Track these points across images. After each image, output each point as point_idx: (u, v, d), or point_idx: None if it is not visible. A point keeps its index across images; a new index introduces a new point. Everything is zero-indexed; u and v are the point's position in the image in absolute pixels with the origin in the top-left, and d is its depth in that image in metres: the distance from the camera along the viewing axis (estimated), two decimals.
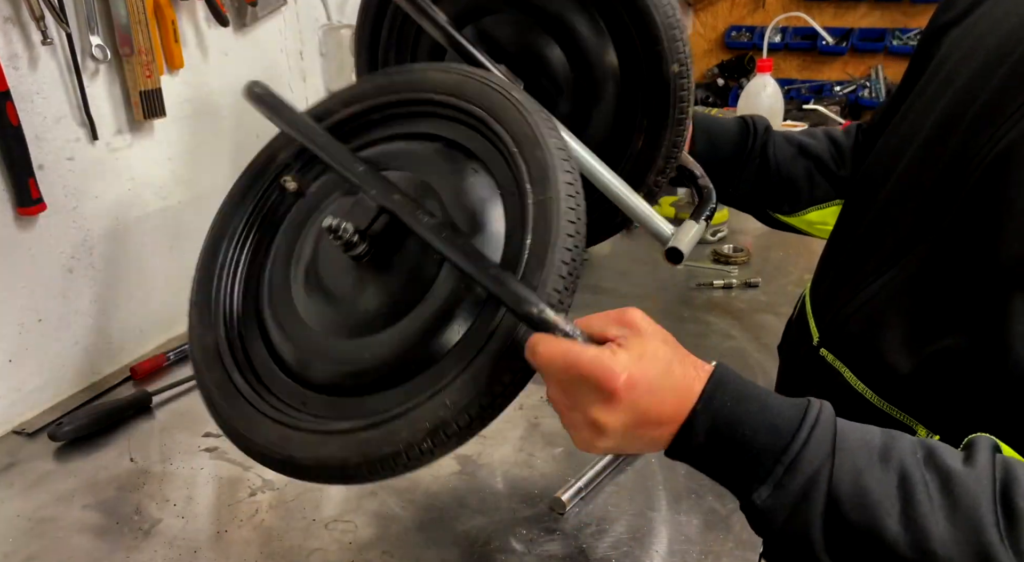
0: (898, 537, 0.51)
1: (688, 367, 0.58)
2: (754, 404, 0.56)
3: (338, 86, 1.72)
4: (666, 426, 0.57)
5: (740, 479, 0.56)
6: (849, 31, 3.50)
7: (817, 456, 0.53)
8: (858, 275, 0.76)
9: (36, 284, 1.15)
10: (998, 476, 0.51)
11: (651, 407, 0.56)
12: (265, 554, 0.89)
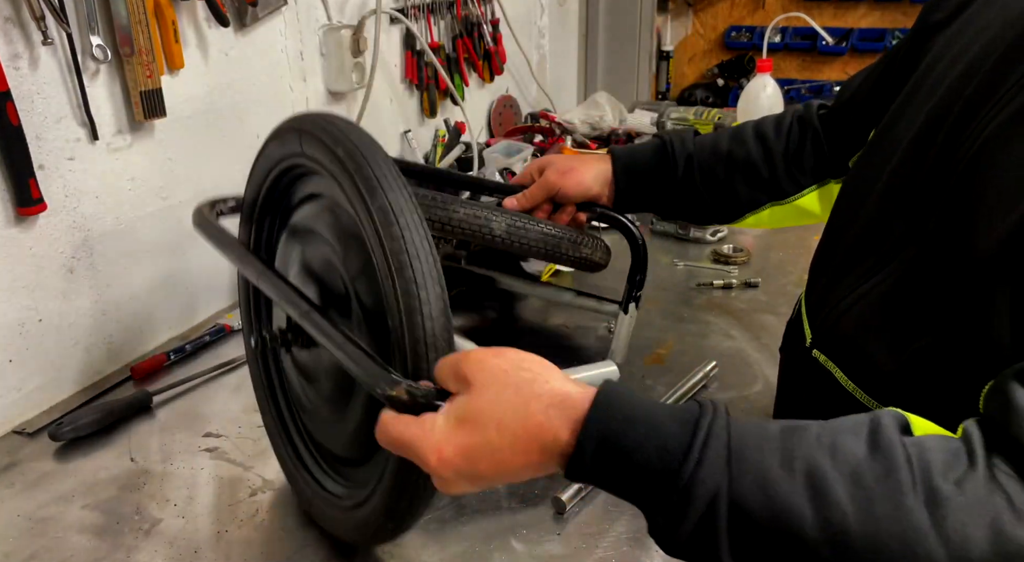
0: (817, 539, 0.48)
1: (555, 401, 0.55)
2: (642, 427, 0.53)
3: (338, 86, 1.73)
4: (540, 465, 0.56)
5: (639, 504, 0.54)
6: (849, 31, 3.50)
7: (713, 474, 0.51)
8: (850, 277, 0.76)
9: (36, 284, 1.15)
10: (913, 460, 0.49)
11: (496, 463, 0.55)
12: (266, 554, 0.89)
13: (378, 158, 0.72)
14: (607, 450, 0.53)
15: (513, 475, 0.57)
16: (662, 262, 1.62)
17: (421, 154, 2.00)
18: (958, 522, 0.46)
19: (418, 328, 0.66)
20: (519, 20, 2.44)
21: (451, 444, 0.56)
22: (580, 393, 0.56)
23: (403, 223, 0.69)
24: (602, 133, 2.41)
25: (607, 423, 0.53)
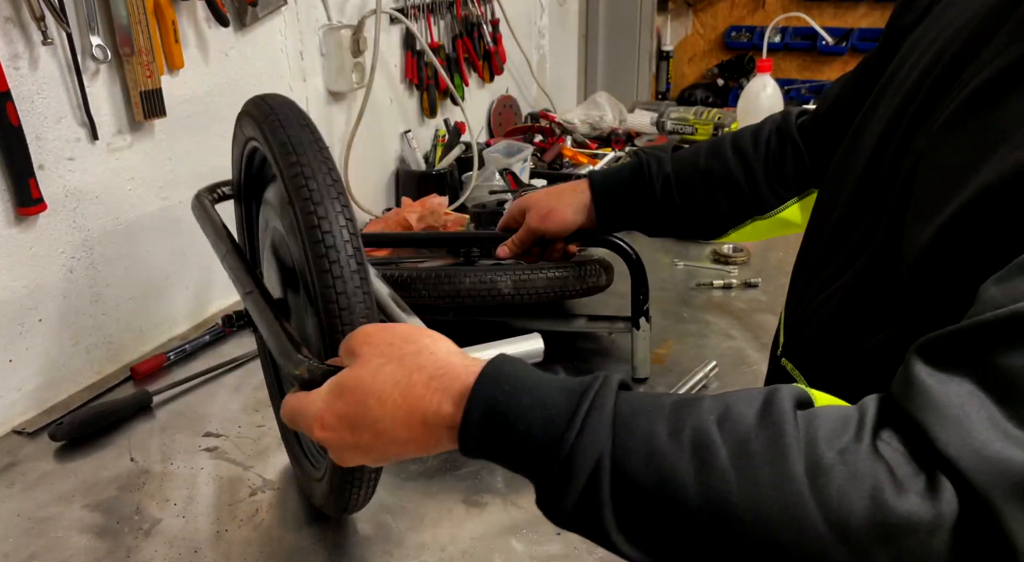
0: (700, 507, 0.48)
1: (438, 373, 0.55)
2: (528, 397, 0.52)
3: (338, 86, 1.73)
4: (427, 438, 0.55)
5: (528, 475, 0.53)
6: (849, 31, 3.50)
7: (595, 442, 0.50)
8: (817, 283, 0.76)
9: (36, 284, 1.15)
10: (800, 429, 0.48)
11: (378, 433, 0.56)
12: (265, 554, 0.89)
13: (292, 119, 0.76)
14: (492, 422, 0.52)
15: (402, 448, 0.57)
16: (662, 262, 1.62)
17: (421, 154, 2.00)
18: (838, 490, 0.46)
19: (330, 290, 0.68)
20: (519, 20, 2.44)
21: (331, 413, 0.57)
22: (466, 365, 0.56)
23: (304, 160, 0.72)
24: (602, 133, 2.41)
25: (493, 394, 0.53)
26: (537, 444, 0.51)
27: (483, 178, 1.94)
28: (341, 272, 0.68)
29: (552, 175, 2.09)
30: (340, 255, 0.69)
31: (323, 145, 0.75)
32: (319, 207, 0.69)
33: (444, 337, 0.60)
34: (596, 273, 1.21)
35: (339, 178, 0.73)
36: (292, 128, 0.75)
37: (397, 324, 0.62)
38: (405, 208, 1.75)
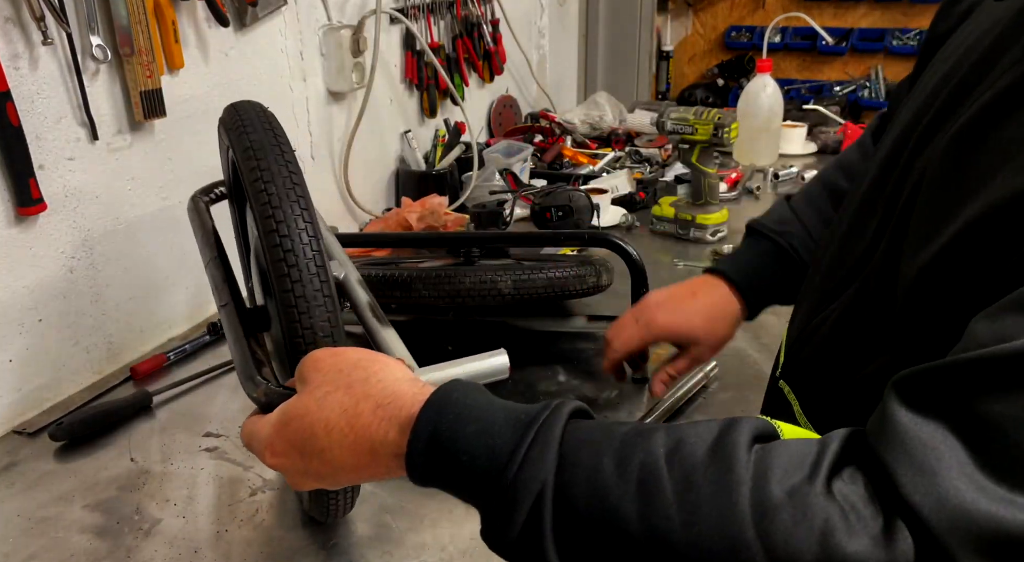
0: (642, 542, 0.46)
1: (385, 401, 0.55)
2: (473, 426, 0.51)
3: (338, 86, 1.73)
4: (376, 465, 0.55)
5: (474, 505, 0.52)
6: (849, 31, 3.50)
7: (538, 474, 0.49)
8: (818, 301, 0.73)
9: (36, 284, 1.15)
10: (751, 465, 0.46)
11: (327, 462, 0.56)
12: (265, 554, 0.89)
13: (257, 123, 0.76)
14: (436, 451, 0.52)
15: (354, 474, 0.57)
16: (662, 262, 1.62)
17: (421, 154, 2.00)
18: (784, 531, 0.43)
19: (288, 294, 0.67)
20: (519, 20, 2.44)
21: (280, 441, 0.57)
22: (414, 393, 0.55)
23: (264, 164, 0.71)
24: (602, 133, 2.41)
25: (437, 423, 0.52)
26: (480, 474, 0.50)
27: (483, 178, 1.94)
28: (300, 276, 0.67)
29: (552, 175, 2.09)
30: (299, 259, 0.67)
31: (286, 148, 0.73)
32: (277, 210, 0.68)
33: (396, 362, 0.59)
34: (596, 273, 1.20)
35: (301, 181, 0.71)
36: (255, 132, 0.75)
37: (348, 349, 0.60)
38: (405, 208, 1.75)
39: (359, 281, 0.84)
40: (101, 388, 1.23)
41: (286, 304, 0.67)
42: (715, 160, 1.83)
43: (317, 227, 0.70)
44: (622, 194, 1.94)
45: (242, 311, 0.78)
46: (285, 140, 0.76)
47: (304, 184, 0.72)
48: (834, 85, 3.52)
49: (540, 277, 1.13)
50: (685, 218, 1.72)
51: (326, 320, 0.67)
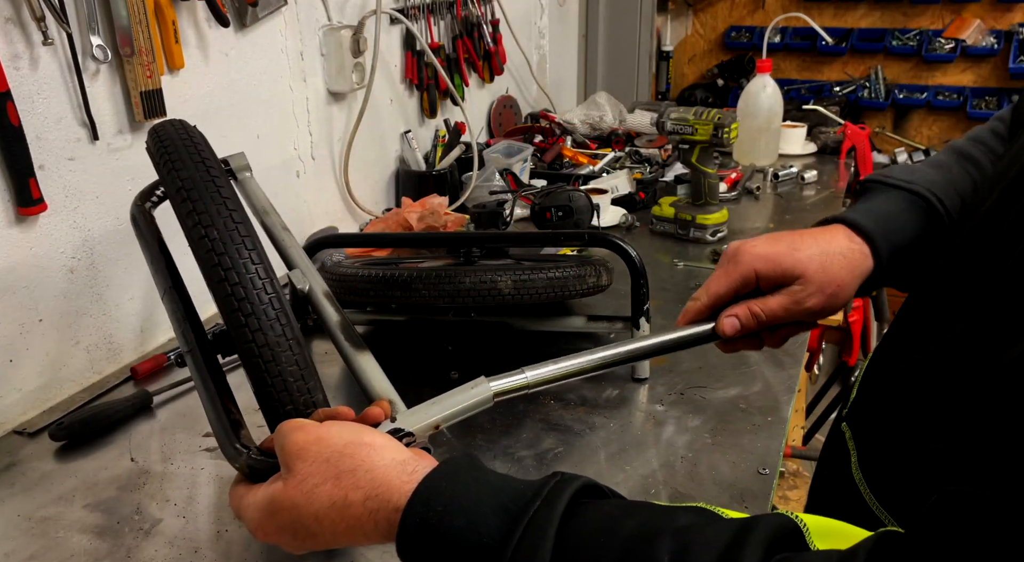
0: None
1: (375, 492, 0.54)
2: (460, 518, 0.49)
3: (338, 86, 1.73)
4: (370, 541, 0.55)
5: None
6: (849, 31, 3.50)
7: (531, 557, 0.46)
8: (910, 338, 0.62)
9: (37, 284, 1.15)
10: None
11: (321, 544, 0.57)
12: (265, 554, 0.89)
13: (186, 156, 0.72)
14: (426, 542, 0.50)
15: (347, 545, 0.58)
16: (662, 262, 1.62)
17: (421, 154, 2.00)
18: None
19: (250, 346, 0.63)
20: (519, 20, 2.44)
21: (270, 526, 0.58)
22: (402, 482, 0.54)
23: (201, 207, 0.67)
24: (602, 133, 2.41)
25: (425, 515, 0.51)
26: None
27: (483, 178, 1.94)
28: (259, 324, 0.64)
29: (552, 175, 2.09)
30: (254, 307, 0.64)
31: (222, 183, 0.68)
32: (223, 258, 0.65)
33: (385, 443, 0.58)
34: (596, 273, 1.20)
35: (244, 218, 0.67)
36: (186, 169, 0.69)
37: (332, 431, 0.58)
38: (405, 208, 1.75)
39: (326, 294, 0.79)
40: (101, 388, 1.23)
41: (248, 355, 0.64)
42: (715, 160, 1.83)
43: (270, 270, 0.66)
44: (622, 194, 1.94)
45: (211, 362, 0.73)
46: (219, 171, 0.70)
47: (248, 222, 0.67)
48: (834, 85, 3.52)
49: (540, 277, 1.13)
50: (685, 218, 1.72)
51: (294, 365, 0.65)
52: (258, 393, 0.65)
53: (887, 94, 3.47)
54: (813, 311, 0.74)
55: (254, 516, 0.59)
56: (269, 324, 0.64)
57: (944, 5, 3.38)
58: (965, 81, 3.44)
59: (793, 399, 1.15)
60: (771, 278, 0.74)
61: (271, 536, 0.59)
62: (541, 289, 1.13)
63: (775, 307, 0.74)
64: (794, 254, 0.73)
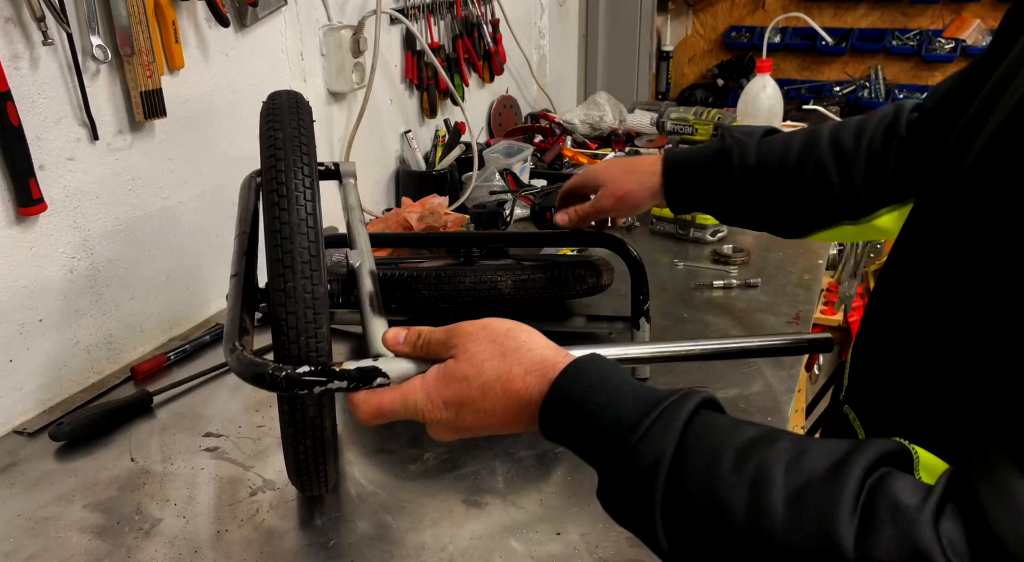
0: (742, 537, 0.49)
1: (534, 367, 0.61)
2: (602, 396, 0.57)
3: (338, 86, 1.73)
4: (520, 421, 0.62)
5: (596, 467, 0.57)
6: (849, 31, 3.51)
7: (655, 450, 0.53)
8: (895, 313, 0.68)
9: (37, 284, 1.15)
10: (867, 483, 0.48)
11: (479, 417, 0.63)
12: (266, 554, 0.89)
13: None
14: (567, 414, 0.58)
15: (495, 429, 0.64)
16: (662, 262, 1.62)
17: (421, 154, 2.00)
18: (885, 549, 0.45)
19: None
20: (519, 20, 2.44)
21: (441, 396, 0.64)
22: (556, 360, 0.61)
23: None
24: (602, 133, 2.41)
25: (571, 389, 0.58)
26: (603, 439, 0.56)
27: (483, 178, 1.94)
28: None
29: (552, 175, 2.09)
30: (292, 229, 0.72)
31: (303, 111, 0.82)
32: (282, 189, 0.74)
33: (538, 333, 0.66)
34: (596, 273, 1.21)
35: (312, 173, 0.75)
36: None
37: (495, 320, 0.66)
38: (405, 208, 1.75)
39: (371, 272, 0.86)
40: (101, 388, 1.23)
41: (275, 270, 0.71)
42: None
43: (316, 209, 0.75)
44: None
45: (249, 285, 0.82)
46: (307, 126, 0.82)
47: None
48: (834, 85, 3.52)
49: (540, 277, 1.14)
50: (685, 218, 1.72)
51: (306, 248, 0.72)
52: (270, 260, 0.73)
53: (887, 94, 3.47)
54: (610, 207, 1.11)
55: (420, 395, 0.64)
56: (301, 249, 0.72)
57: (944, 5, 3.38)
58: None
59: (793, 399, 1.15)
60: (589, 182, 1.15)
61: (438, 411, 0.64)
62: (541, 289, 1.13)
63: (587, 207, 1.14)
64: (606, 171, 1.12)
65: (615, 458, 0.55)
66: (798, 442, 0.52)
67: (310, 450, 0.80)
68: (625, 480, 0.54)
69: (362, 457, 1.05)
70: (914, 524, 0.45)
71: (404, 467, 1.02)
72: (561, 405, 0.58)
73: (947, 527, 0.45)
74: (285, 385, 0.65)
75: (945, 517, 0.46)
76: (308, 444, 0.79)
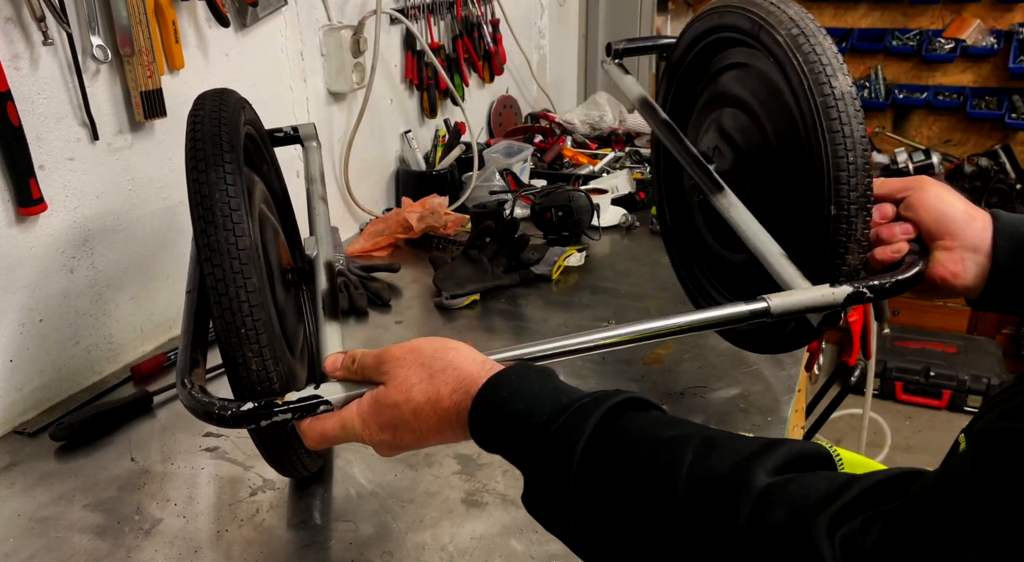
0: (646, 512, 0.51)
1: (460, 385, 0.64)
2: (521, 403, 0.60)
3: (338, 86, 1.73)
4: (454, 433, 0.65)
5: (520, 468, 0.60)
6: (849, 31, 3.51)
7: (564, 445, 0.56)
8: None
9: (37, 284, 1.15)
10: (765, 491, 0.48)
11: (415, 437, 0.66)
12: (266, 554, 0.89)
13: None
14: (491, 423, 0.61)
15: (435, 442, 0.68)
16: (662, 262, 1.62)
17: (421, 154, 2.00)
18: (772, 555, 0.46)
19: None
20: (519, 20, 2.44)
21: (376, 421, 0.68)
22: (481, 374, 0.64)
23: None
24: (602, 133, 2.41)
25: (492, 400, 0.62)
26: (522, 443, 0.59)
27: (483, 178, 1.94)
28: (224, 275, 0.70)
29: (552, 175, 2.09)
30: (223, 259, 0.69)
31: None
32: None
33: (466, 348, 0.68)
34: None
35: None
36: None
37: (422, 342, 0.69)
38: (405, 208, 1.75)
39: (327, 264, 0.83)
40: (101, 388, 1.23)
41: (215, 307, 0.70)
42: None
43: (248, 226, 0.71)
44: (622, 194, 1.94)
45: (202, 309, 0.79)
46: None
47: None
48: None
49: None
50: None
51: (242, 286, 0.70)
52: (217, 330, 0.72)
53: (887, 94, 3.47)
54: (946, 265, 0.84)
55: (357, 421, 0.68)
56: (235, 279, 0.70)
57: (944, 5, 3.38)
58: (965, 81, 3.44)
59: (793, 399, 1.15)
60: (925, 219, 0.85)
61: (375, 435, 0.68)
62: None
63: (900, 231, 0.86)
64: (953, 207, 0.84)
65: (533, 457, 0.58)
66: (710, 440, 0.54)
67: (280, 455, 0.83)
68: (541, 476, 0.57)
69: (362, 457, 1.05)
70: (806, 532, 0.45)
71: (404, 467, 1.02)
72: (485, 416, 0.62)
73: (846, 534, 0.44)
74: (233, 422, 0.68)
75: (851, 524, 0.45)
76: (271, 444, 0.82)
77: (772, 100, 0.92)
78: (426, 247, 1.74)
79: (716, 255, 1.11)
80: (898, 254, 0.83)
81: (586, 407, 0.58)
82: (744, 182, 0.98)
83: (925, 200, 0.83)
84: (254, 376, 0.70)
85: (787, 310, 0.78)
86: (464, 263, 1.50)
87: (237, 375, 0.70)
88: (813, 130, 0.81)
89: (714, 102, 1.06)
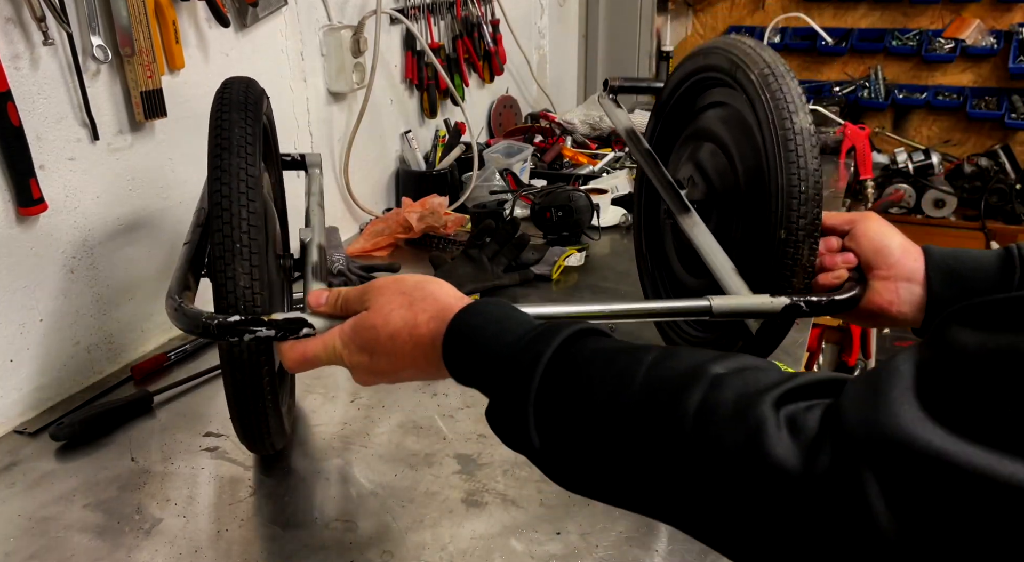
0: (603, 413, 0.53)
1: (437, 313, 0.67)
2: (494, 326, 0.63)
3: (338, 87, 1.73)
4: (430, 364, 0.67)
5: (487, 391, 0.62)
6: (848, 31, 3.51)
7: (529, 356, 0.58)
8: None
9: (37, 284, 1.15)
10: (718, 381, 0.50)
11: (391, 361, 0.69)
12: (266, 553, 0.89)
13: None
14: (463, 347, 0.64)
15: (411, 373, 0.70)
16: None
17: (421, 154, 2.00)
18: (718, 424, 0.48)
19: None
20: (519, 20, 2.44)
21: (355, 342, 0.70)
22: (456, 305, 0.67)
23: None
24: (602, 133, 2.41)
25: (467, 323, 0.64)
26: (490, 362, 0.61)
27: (483, 178, 1.94)
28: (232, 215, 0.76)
29: (552, 175, 2.09)
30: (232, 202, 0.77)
31: None
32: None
33: (447, 283, 0.72)
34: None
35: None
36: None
37: (407, 276, 0.72)
38: (405, 208, 1.75)
39: (319, 246, 0.93)
40: (101, 388, 1.23)
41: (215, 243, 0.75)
42: None
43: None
44: (622, 194, 1.94)
45: (199, 251, 0.87)
46: None
47: None
48: (833, 85, 3.52)
49: None
50: None
51: (244, 205, 0.76)
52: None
53: (887, 94, 3.48)
54: (862, 259, 0.92)
55: (338, 342, 0.71)
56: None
57: (944, 5, 3.38)
58: (965, 81, 3.44)
59: None
60: (866, 248, 0.91)
61: (353, 356, 0.70)
62: None
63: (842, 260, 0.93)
64: (893, 240, 0.90)
65: (498, 372, 0.60)
66: (666, 351, 0.56)
67: (248, 401, 0.83)
68: (504, 387, 0.59)
69: (362, 457, 1.05)
70: (752, 405, 0.47)
71: (404, 467, 1.02)
72: (458, 340, 0.64)
73: (791, 410, 0.46)
74: (217, 332, 0.70)
75: (795, 404, 0.47)
76: (246, 394, 0.82)
77: (742, 136, 1.00)
78: (426, 247, 1.74)
79: (678, 279, 1.19)
80: (838, 280, 0.91)
81: (554, 329, 0.60)
82: (712, 211, 1.07)
83: (867, 232, 0.91)
84: (240, 292, 0.74)
85: (728, 311, 0.87)
86: (464, 263, 1.50)
87: (225, 290, 0.74)
88: (773, 159, 0.90)
89: (694, 137, 1.14)
